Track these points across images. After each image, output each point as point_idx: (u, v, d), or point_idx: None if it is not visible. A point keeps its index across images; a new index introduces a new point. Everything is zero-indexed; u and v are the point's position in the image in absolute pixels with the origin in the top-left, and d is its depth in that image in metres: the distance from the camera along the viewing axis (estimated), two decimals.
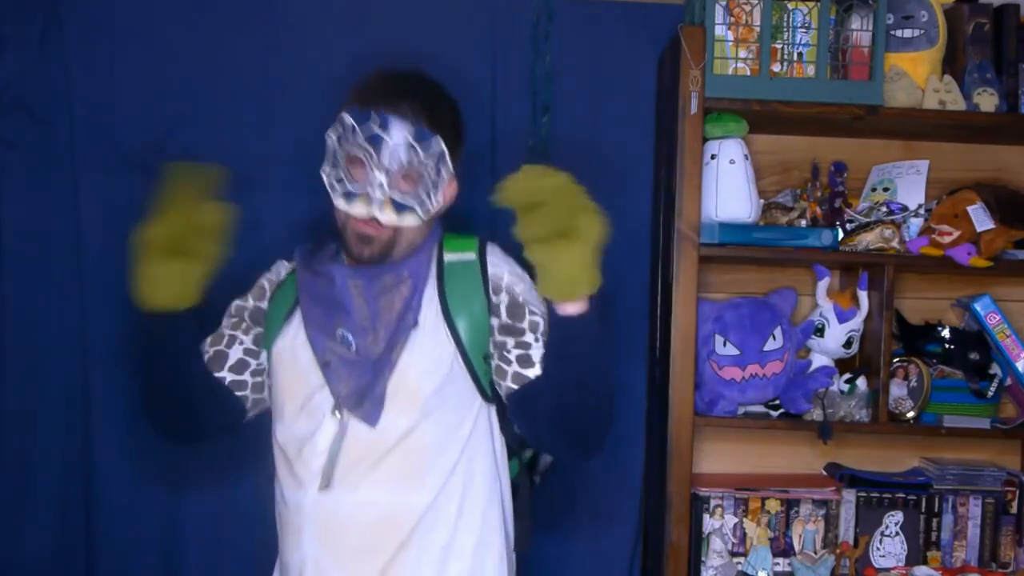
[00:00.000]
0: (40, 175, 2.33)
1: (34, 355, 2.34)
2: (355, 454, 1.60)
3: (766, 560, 2.28)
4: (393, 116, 1.57)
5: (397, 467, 1.60)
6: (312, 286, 1.67)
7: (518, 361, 1.63)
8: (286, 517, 1.68)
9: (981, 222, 2.23)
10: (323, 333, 1.63)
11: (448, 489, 1.63)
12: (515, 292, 1.65)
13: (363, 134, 1.57)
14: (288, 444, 1.67)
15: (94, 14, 2.32)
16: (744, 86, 2.17)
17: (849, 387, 2.28)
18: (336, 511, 1.61)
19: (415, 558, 1.61)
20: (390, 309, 1.62)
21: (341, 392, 1.61)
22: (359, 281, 1.62)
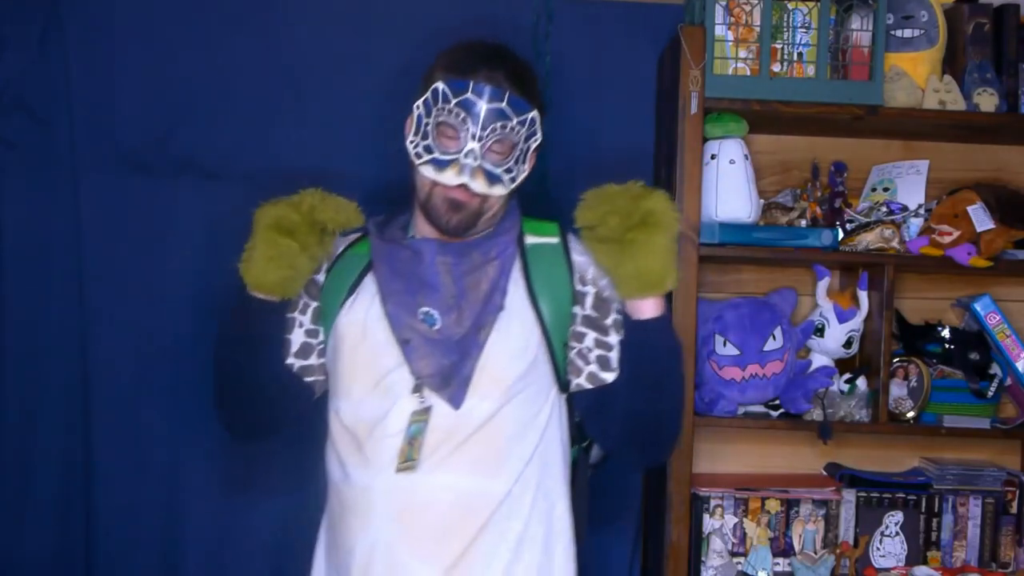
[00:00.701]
0: (40, 175, 2.33)
1: (34, 355, 2.34)
2: (436, 437, 1.57)
3: (766, 560, 2.28)
4: (488, 85, 1.56)
5: (477, 452, 1.58)
6: (393, 260, 1.64)
7: (597, 361, 1.63)
8: (350, 498, 1.61)
9: (981, 222, 2.24)
10: (404, 309, 1.60)
11: (525, 477, 1.61)
12: (601, 285, 1.65)
13: (456, 102, 1.55)
14: (357, 424, 1.61)
15: (94, 14, 2.32)
16: (744, 86, 2.17)
17: (849, 387, 2.28)
18: (413, 494, 1.57)
19: (491, 547, 1.58)
20: (476, 289, 1.60)
21: (423, 372, 1.57)
22: (448, 258, 1.61)
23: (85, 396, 2.35)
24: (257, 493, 2.37)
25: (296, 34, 2.36)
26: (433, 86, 1.58)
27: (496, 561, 1.58)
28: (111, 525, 2.36)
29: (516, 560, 1.60)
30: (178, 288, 2.33)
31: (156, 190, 2.35)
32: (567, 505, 1.68)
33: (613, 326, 1.64)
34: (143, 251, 2.34)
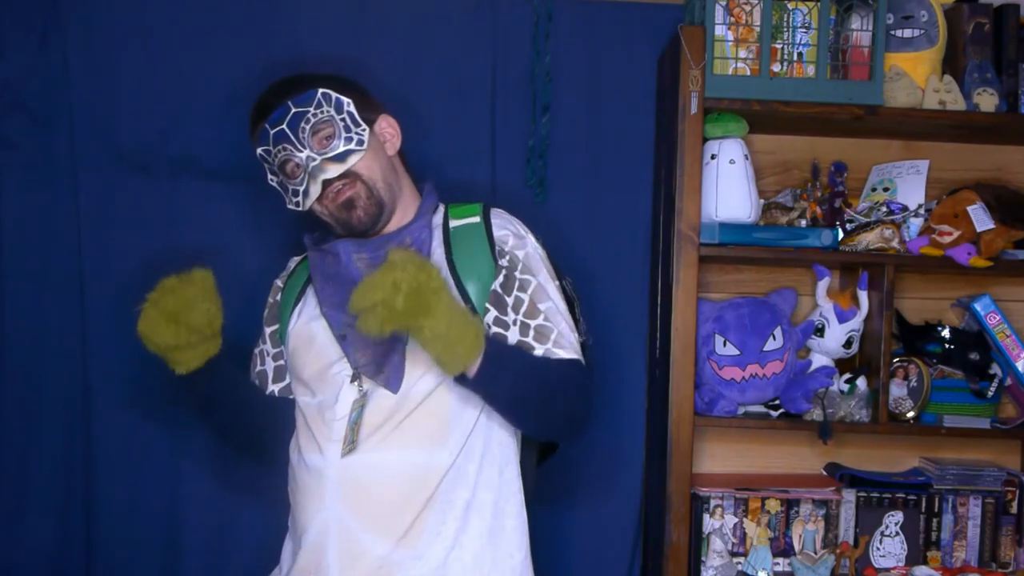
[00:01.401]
0: (40, 175, 2.33)
1: (34, 355, 2.34)
2: (377, 419, 1.65)
3: (766, 560, 2.28)
4: (271, 113, 1.70)
5: (420, 428, 1.65)
6: (322, 265, 1.75)
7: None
8: (304, 480, 1.70)
9: (981, 222, 2.23)
10: (337, 309, 1.69)
11: (469, 447, 1.68)
12: (515, 259, 1.72)
13: (271, 146, 1.70)
14: (310, 410, 1.72)
15: (94, 14, 2.32)
16: (744, 86, 2.17)
17: (849, 387, 2.28)
18: (361, 474, 1.65)
19: (439, 514, 1.65)
20: None
21: (359, 362, 1.66)
22: (363, 254, 1.71)
23: (85, 396, 2.35)
24: (257, 492, 2.36)
25: (296, 34, 2.36)
26: (258, 156, 1.75)
27: (445, 529, 1.66)
28: (111, 525, 2.36)
29: (464, 527, 1.67)
30: None
31: (156, 190, 2.35)
32: (516, 470, 1.75)
33: (513, 306, 1.70)
34: (143, 251, 2.34)
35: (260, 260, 2.35)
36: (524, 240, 1.76)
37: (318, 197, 1.70)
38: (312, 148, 1.69)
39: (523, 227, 1.78)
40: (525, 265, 1.72)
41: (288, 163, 1.71)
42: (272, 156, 1.72)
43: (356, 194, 1.70)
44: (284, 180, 1.73)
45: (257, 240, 2.35)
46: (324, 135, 1.69)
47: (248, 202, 2.35)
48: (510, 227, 1.76)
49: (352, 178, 1.70)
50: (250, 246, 2.34)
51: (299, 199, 1.72)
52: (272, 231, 2.33)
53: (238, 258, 2.31)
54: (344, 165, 1.69)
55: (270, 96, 1.73)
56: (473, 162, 2.38)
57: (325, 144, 1.69)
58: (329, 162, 1.69)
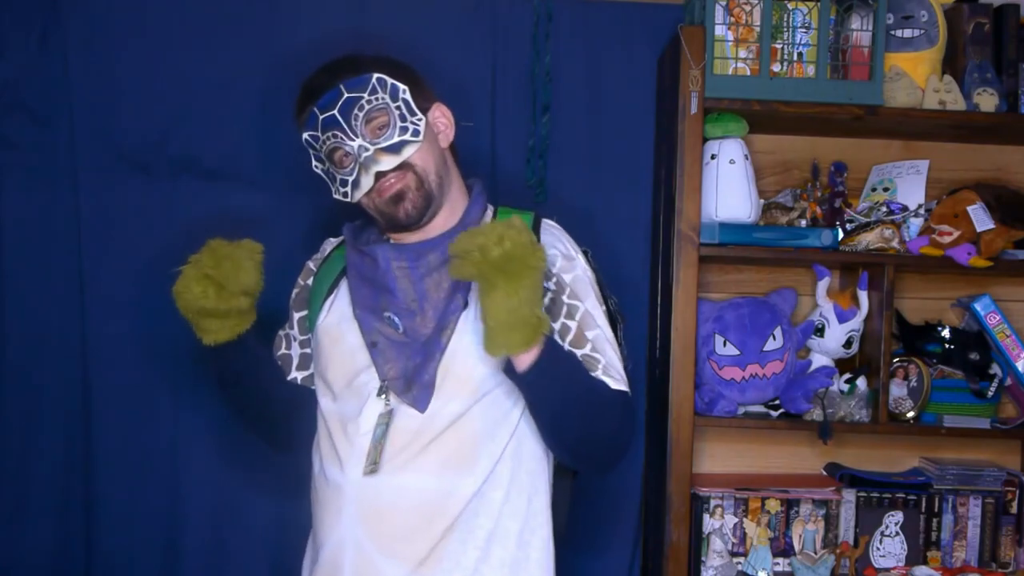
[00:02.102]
0: (40, 175, 2.33)
1: (34, 355, 2.34)
2: (403, 438, 1.58)
3: (766, 560, 2.28)
4: (323, 94, 1.60)
5: (445, 453, 1.57)
6: (360, 265, 1.67)
7: None
8: (324, 494, 1.64)
9: (981, 222, 2.23)
10: (371, 313, 1.62)
11: (496, 476, 1.60)
12: (562, 283, 1.63)
13: (320, 132, 1.61)
14: (332, 419, 1.64)
15: (94, 14, 2.32)
16: (744, 86, 2.17)
17: (849, 387, 2.28)
18: (380, 495, 1.57)
19: (459, 544, 1.58)
20: (437, 289, 1.61)
21: (388, 375, 1.59)
22: (403, 263, 1.62)
23: (85, 396, 2.35)
24: (257, 492, 2.37)
25: (296, 34, 2.36)
26: (303, 141, 1.65)
27: (465, 559, 1.58)
28: (111, 525, 2.36)
29: (485, 558, 1.59)
30: None
31: (155, 190, 2.35)
32: (546, 500, 1.67)
33: (560, 332, 1.61)
34: (143, 251, 2.34)
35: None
36: (574, 262, 1.67)
37: (368, 190, 1.61)
38: (365, 137, 1.59)
39: (573, 245, 1.70)
40: (573, 290, 1.64)
41: (337, 151, 1.61)
42: (320, 143, 1.62)
43: (406, 186, 1.60)
44: (332, 169, 1.63)
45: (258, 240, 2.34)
46: (378, 124, 1.60)
47: (248, 202, 2.35)
48: (560, 246, 1.67)
49: (405, 169, 1.60)
50: None
51: (347, 190, 1.62)
52: (272, 231, 2.32)
53: None
54: (399, 157, 1.59)
55: (320, 78, 1.63)
56: (473, 162, 2.38)
57: (379, 133, 1.59)
58: (383, 153, 1.59)
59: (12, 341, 2.34)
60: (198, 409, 2.32)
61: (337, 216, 2.36)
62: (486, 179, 2.39)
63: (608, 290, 1.75)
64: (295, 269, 1.87)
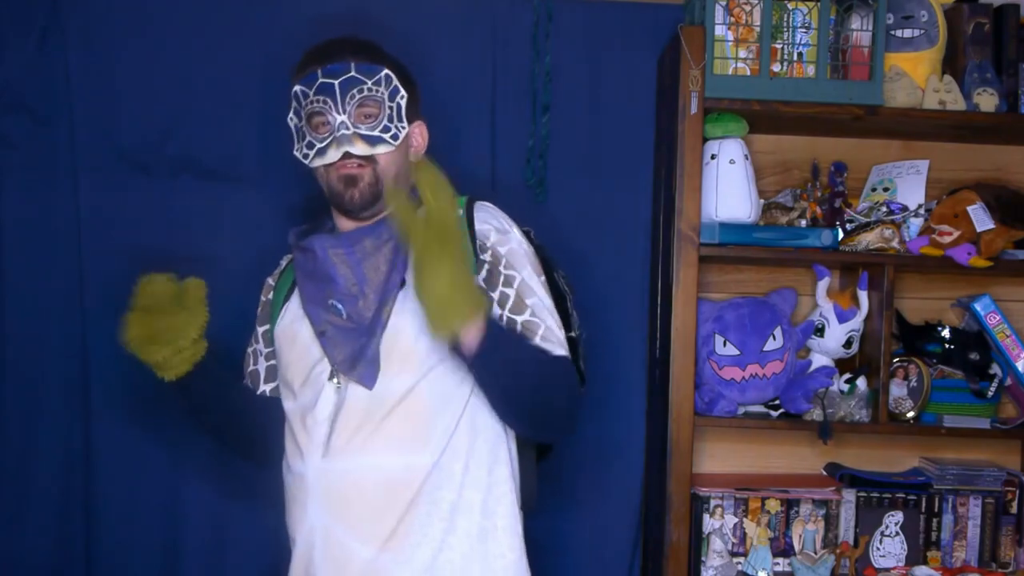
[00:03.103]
0: (40, 175, 2.33)
1: (34, 355, 2.34)
2: (355, 419, 1.62)
3: (766, 560, 2.28)
4: (332, 63, 1.65)
5: (399, 429, 1.61)
6: (303, 262, 1.72)
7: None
8: (291, 487, 1.70)
9: (981, 222, 2.23)
10: (318, 306, 1.67)
11: (452, 447, 1.63)
12: (498, 254, 1.68)
13: (312, 92, 1.65)
14: (294, 415, 1.69)
15: (94, 14, 2.32)
16: (744, 86, 2.17)
17: (849, 387, 2.28)
18: (340, 478, 1.62)
19: (424, 516, 1.61)
20: (376, 271, 1.65)
21: (337, 358, 1.63)
22: (339, 249, 1.67)
23: (85, 396, 2.34)
24: (256, 492, 2.36)
25: (296, 34, 2.35)
26: (292, 93, 1.69)
27: (431, 531, 1.61)
28: (111, 525, 2.36)
29: (451, 529, 1.62)
30: None
31: (155, 190, 2.35)
32: (508, 470, 1.69)
33: (499, 301, 1.66)
34: (143, 251, 2.34)
35: (260, 260, 2.35)
36: (508, 235, 1.71)
37: (329, 163, 1.66)
38: (351, 117, 1.64)
39: (508, 221, 1.74)
40: (508, 261, 1.68)
41: (317, 116, 1.66)
42: (307, 101, 1.66)
43: (362, 175, 1.66)
44: (305, 128, 1.68)
45: (257, 240, 2.34)
46: (367, 112, 1.65)
47: (248, 202, 2.35)
48: (493, 221, 1.72)
49: (370, 162, 1.66)
50: (251, 246, 2.34)
51: (310, 152, 1.67)
52: (273, 231, 2.32)
53: (238, 258, 2.31)
54: (371, 149, 1.65)
55: (337, 46, 1.69)
56: (473, 162, 2.38)
57: (364, 121, 1.65)
58: (359, 139, 1.64)
59: (12, 341, 2.34)
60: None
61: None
62: (487, 179, 2.41)
63: (556, 264, 1.80)
64: None
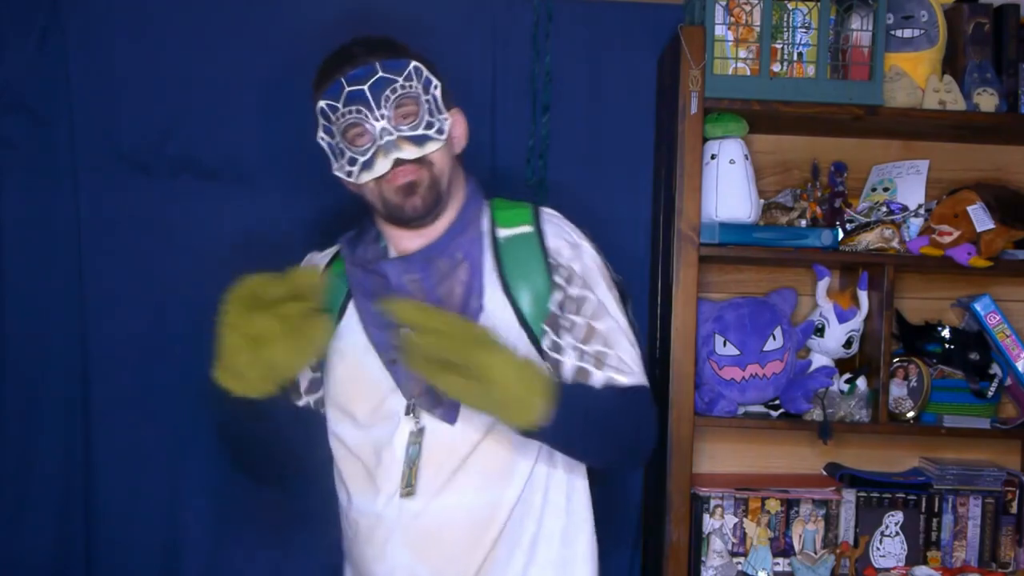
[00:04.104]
0: (40, 175, 2.33)
1: (34, 355, 2.34)
2: (438, 457, 1.52)
3: (766, 560, 2.28)
4: (357, 68, 1.52)
5: (484, 465, 1.53)
6: (366, 284, 1.58)
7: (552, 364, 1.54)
8: (363, 526, 1.57)
9: (981, 222, 2.23)
10: (385, 331, 1.54)
11: (533, 478, 1.56)
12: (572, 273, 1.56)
13: (342, 104, 1.52)
14: (363, 449, 1.57)
15: (94, 14, 2.32)
16: (744, 86, 2.17)
17: (849, 387, 2.28)
18: (425, 518, 1.53)
19: (506, 551, 1.54)
20: (451, 296, 1.54)
21: (413, 392, 1.52)
22: (415, 275, 1.55)
23: (85, 396, 2.34)
24: (256, 491, 2.36)
25: (296, 34, 2.36)
26: (317, 110, 1.55)
27: (513, 563, 1.55)
28: (111, 525, 2.36)
29: (532, 559, 1.56)
30: (178, 288, 2.32)
31: (156, 190, 2.35)
32: (585, 498, 1.63)
33: (570, 330, 1.55)
34: (143, 251, 2.34)
35: (260, 260, 2.35)
36: (580, 249, 1.60)
37: (380, 175, 1.52)
38: (391, 121, 1.51)
39: (577, 232, 1.63)
40: (583, 279, 1.57)
41: (355, 128, 1.52)
42: (338, 115, 1.53)
43: (420, 179, 1.52)
44: (342, 144, 1.54)
45: (257, 240, 2.35)
46: (406, 111, 1.52)
47: (248, 202, 2.35)
48: (565, 236, 1.60)
49: (423, 164, 1.53)
50: (250, 246, 2.34)
51: (355, 169, 1.53)
52: (273, 231, 2.33)
53: (238, 259, 2.31)
54: (421, 150, 1.52)
55: (356, 49, 1.55)
56: (473, 162, 2.37)
57: (405, 121, 1.52)
58: (406, 142, 1.51)
59: (12, 341, 2.34)
60: (198, 409, 2.32)
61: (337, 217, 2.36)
62: (486, 179, 2.41)
63: (612, 269, 1.68)
64: None
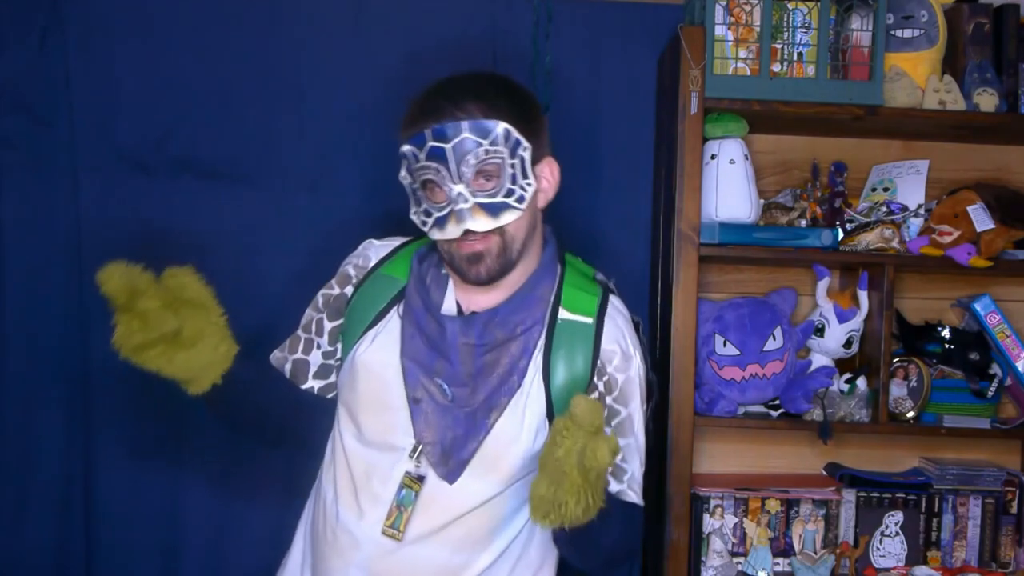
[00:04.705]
0: (40, 175, 2.33)
1: (34, 355, 2.34)
2: (427, 509, 1.53)
3: (766, 560, 2.28)
4: (443, 123, 1.46)
5: (467, 531, 1.54)
6: (421, 319, 1.56)
7: None
8: (335, 536, 1.58)
9: (981, 222, 2.23)
10: (420, 369, 1.53)
11: (509, 551, 1.57)
12: (613, 383, 1.55)
13: (424, 156, 1.47)
14: (358, 465, 1.57)
15: (94, 14, 2.32)
16: (744, 86, 2.17)
17: (849, 387, 2.28)
18: (396, 559, 1.53)
19: None
20: (495, 366, 1.52)
21: (426, 439, 1.52)
22: (470, 339, 1.52)
23: (85, 396, 2.34)
24: (256, 492, 2.37)
25: (296, 34, 2.36)
26: (401, 152, 1.51)
27: None
28: (111, 525, 2.36)
29: None
30: None
31: (156, 190, 2.35)
32: (552, 570, 1.64)
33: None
34: (143, 251, 2.33)
35: (260, 260, 2.35)
36: (630, 362, 1.57)
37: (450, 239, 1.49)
38: (469, 185, 1.46)
39: (634, 339, 1.59)
40: (621, 392, 1.55)
41: (432, 184, 1.48)
42: (419, 165, 1.48)
43: (488, 249, 1.49)
44: (420, 193, 1.50)
45: (257, 240, 2.35)
46: (487, 175, 1.47)
47: (248, 202, 2.35)
48: (621, 342, 1.57)
49: (495, 232, 1.49)
50: (250, 246, 2.34)
51: (429, 221, 1.50)
52: (273, 231, 2.33)
53: (238, 258, 2.31)
54: (496, 221, 1.47)
55: (445, 99, 1.48)
56: None
57: (485, 186, 1.47)
58: (481, 211, 1.46)
59: (12, 341, 2.34)
60: (198, 408, 2.31)
61: (338, 217, 2.36)
62: None
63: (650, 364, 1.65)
64: (297, 270, 1.85)
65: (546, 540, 1.61)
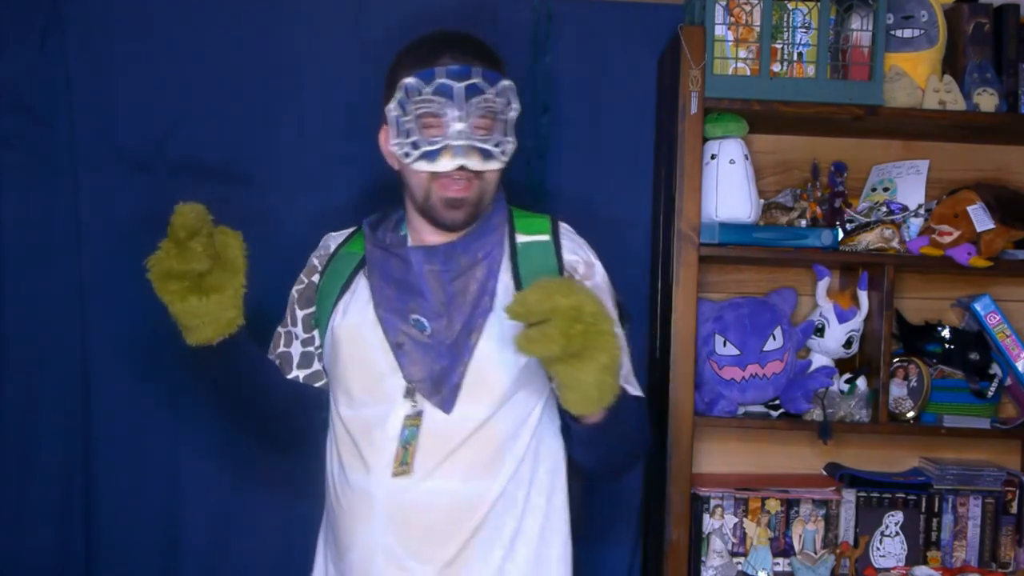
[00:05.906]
0: (40, 175, 2.33)
1: (34, 355, 2.34)
2: (431, 442, 1.58)
3: (766, 560, 2.28)
4: (457, 64, 1.56)
5: (474, 456, 1.58)
6: (385, 266, 1.64)
7: None
8: (349, 499, 1.63)
9: (981, 222, 2.24)
10: (396, 315, 1.61)
11: (518, 475, 1.61)
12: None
13: (431, 89, 1.55)
14: (356, 426, 1.63)
15: (94, 14, 2.32)
16: (744, 86, 2.17)
17: (849, 387, 2.28)
18: (411, 500, 1.58)
19: (486, 544, 1.59)
20: (465, 292, 1.60)
21: (415, 376, 1.58)
22: (435, 266, 1.60)
23: (85, 396, 2.34)
24: (257, 492, 2.37)
25: (296, 34, 2.36)
26: (402, 84, 1.57)
27: (491, 557, 1.60)
28: (111, 525, 2.36)
29: (509, 556, 1.61)
30: None
31: (156, 190, 2.35)
32: (564, 498, 1.68)
33: None
34: (143, 251, 2.33)
35: (260, 260, 2.35)
36: (593, 268, 1.68)
37: (438, 173, 1.57)
38: (469, 126, 1.55)
39: (591, 251, 1.70)
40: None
41: (432, 118, 1.56)
42: (420, 98, 1.55)
43: (468, 198, 1.59)
44: (412, 126, 1.56)
45: (257, 240, 2.34)
46: (485, 123, 1.57)
47: (247, 202, 2.35)
48: (580, 252, 1.68)
49: (478, 178, 1.59)
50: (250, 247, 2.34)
51: (415, 154, 1.56)
52: (273, 229, 2.33)
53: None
54: (485, 165, 1.58)
55: (460, 44, 1.60)
56: None
57: (481, 132, 1.57)
58: (475, 152, 1.55)
59: (12, 341, 2.34)
60: (198, 408, 2.32)
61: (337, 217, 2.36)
62: None
63: (616, 290, 1.74)
64: (296, 269, 1.86)
65: (556, 463, 1.66)
